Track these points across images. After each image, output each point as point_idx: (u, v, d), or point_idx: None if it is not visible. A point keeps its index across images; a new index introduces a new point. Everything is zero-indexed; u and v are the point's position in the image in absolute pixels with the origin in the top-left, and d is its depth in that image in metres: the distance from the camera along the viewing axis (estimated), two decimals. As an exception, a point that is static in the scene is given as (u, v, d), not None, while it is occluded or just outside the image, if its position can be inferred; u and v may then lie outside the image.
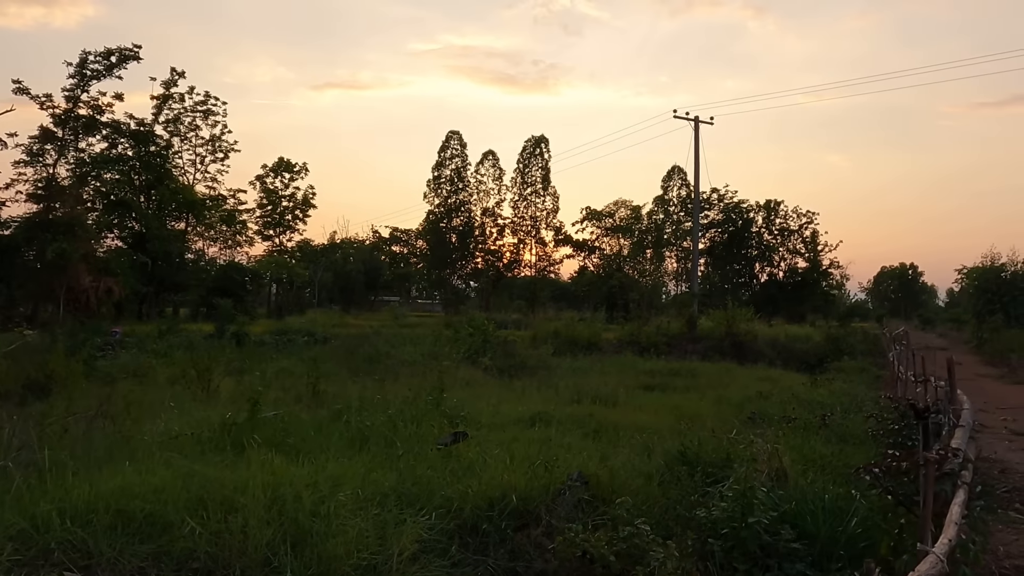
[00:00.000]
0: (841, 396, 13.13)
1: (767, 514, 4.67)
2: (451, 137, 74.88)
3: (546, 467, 6.78)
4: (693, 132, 35.18)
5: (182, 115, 43.24)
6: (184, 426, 9.03)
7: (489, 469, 6.57)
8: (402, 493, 5.84)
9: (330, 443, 8.04)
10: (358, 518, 5.07)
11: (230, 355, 21.28)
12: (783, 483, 5.97)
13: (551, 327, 32.50)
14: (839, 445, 8.15)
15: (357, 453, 7.58)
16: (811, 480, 6.06)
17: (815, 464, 7.11)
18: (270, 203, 61.01)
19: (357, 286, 79.02)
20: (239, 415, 8.73)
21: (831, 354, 27.42)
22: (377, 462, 6.87)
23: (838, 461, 7.26)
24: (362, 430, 8.72)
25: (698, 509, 5.26)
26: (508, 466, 6.53)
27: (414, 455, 7.26)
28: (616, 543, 4.77)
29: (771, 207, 61.31)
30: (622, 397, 14.60)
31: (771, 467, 6.03)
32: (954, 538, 3.52)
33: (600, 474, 6.72)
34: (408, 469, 6.59)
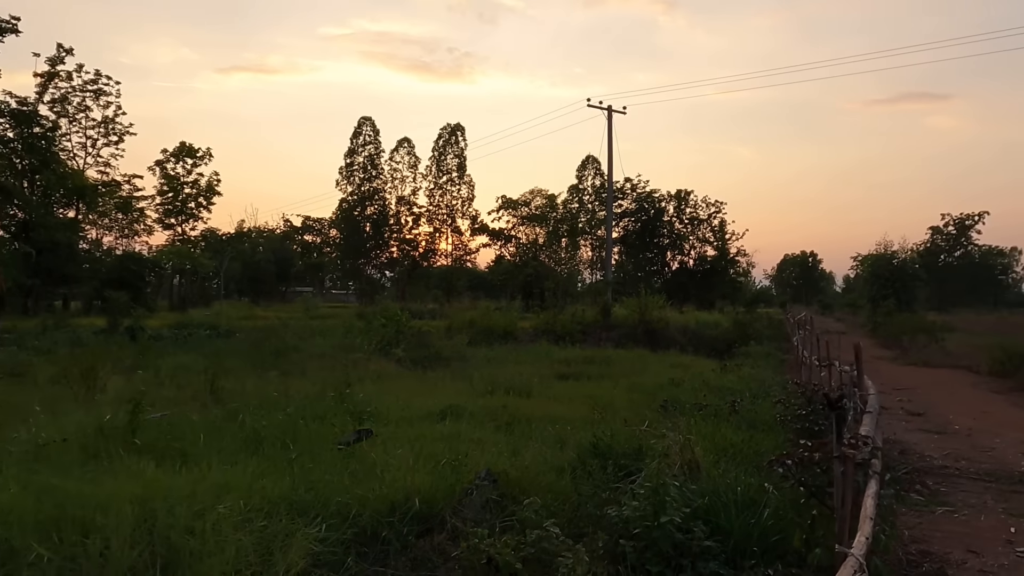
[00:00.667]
0: (749, 381, 13.33)
1: (680, 511, 4.46)
2: (363, 123, 73.31)
3: (453, 466, 6.44)
4: (606, 121, 35.42)
5: (70, 95, 40.38)
6: (56, 432, 8.20)
7: (392, 470, 6.15)
8: (294, 501, 5.34)
9: (221, 446, 7.44)
10: (241, 532, 4.58)
11: (123, 351, 19.97)
12: (696, 476, 5.82)
13: (467, 317, 32.11)
14: (749, 432, 8.13)
15: (250, 457, 7.01)
16: (723, 471, 5.94)
17: (727, 453, 7.03)
18: (171, 190, 58.01)
19: (267, 277, 76.33)
20: (119, 418, 7.96)
21: (739, 339, 28.14)
22: (269, 467, 6.34)
23: (748, 449, 7.21)
24: (258, 431, 8.13)
25: (610, 507, 5.02)
26: (412, 466, 6.11)
27: (311, 457, 6.75)
28: (524, 548, 4.46)
29: (682, 197, 62.71)
30: (536, 387, 14.37)
31: (683, 459, 5.87)
32: (870, 534, 3.38)
33: (510, 471, 6.41)
34: (303, 474, 6.10)
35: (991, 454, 9.07)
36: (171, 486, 5.19)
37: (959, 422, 11.41)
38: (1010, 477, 7.78)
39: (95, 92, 41.27)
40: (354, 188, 71.70)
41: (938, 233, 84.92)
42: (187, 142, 59.36)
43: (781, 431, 8.22)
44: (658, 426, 8.54)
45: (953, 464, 8.41)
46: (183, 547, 4.31)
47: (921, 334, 28.53)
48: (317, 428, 8.44)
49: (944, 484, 7.42)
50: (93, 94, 41.27)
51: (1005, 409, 13.08)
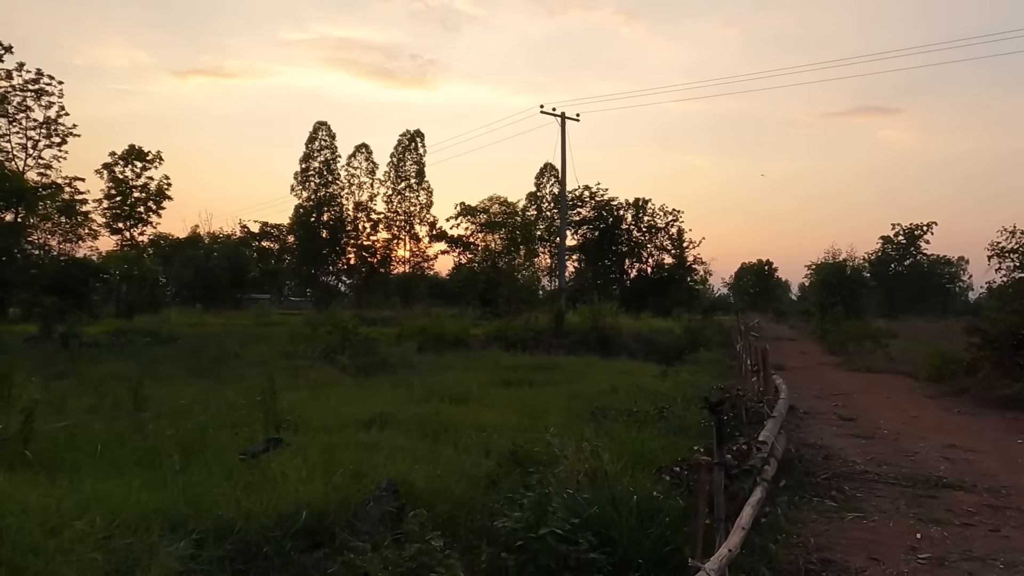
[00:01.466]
0: (685, 387, 13.29)
1: (566, 521, 4.27)
2: (319, 128, 72.44)
3: (354, 475, 6.17)
4: (560, 128, 35.42)
5: (10, 94, 39.05)
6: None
7: (288, 481, 5.86)
8: (171, 515, 5.03)
9: (117, 458, 7.07)
10: (100, 550, 4.26)
11: (53, 358, 19.24)
12: (602, 482, 5.65)
13: (418, 324, 31.73)
14: (673, 438, 8.03)
15: (145, 469, 6.66)
16: (629, 479, 5.78)
17: (643, 460, 6.88)
18: (119, 194, 56.43)
19: (221, 283, 74.66)
20: (11, 428, 7.52)
21: (689, 346, 28.30)
22: (155, 479, 6.00)
23: (666, 455, 7.07)
24: (161, 441, 7.75)
25: (500, 518, 4.81)
26: (305, 477, 5.83)
27: (206, 469, 6.42)
28: (403, 563, 4.22)
29: (640, 205, 63.21)
30: (474, 394, 14.15)
31: (590, 466, 5.69)
32: (736, 546, 3.23)
33: (415, 481, 6.17)
34: (190, 486, 5.77)
35: (913, 458, 9.10)
36: (29, 501, 4.82)
37: (888, 427, 11.48)
38: (927, 481, 7.78)
39: (36, 92, 40.00)
40: (310, 193, 70.75)
41: (888, 242, 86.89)
42: (136, 145, 57.90)
43: (705, 437, 8.11)
44: (584, 433, 8.40)
45: (874, 469, 8.40)
46: (26, 568, 3.98)
47: (867, 340, 29.02)
48: (225, 437, 8.08)
49: (861, 489, 7.38)
50: (35, 94, 39.99)
51: (935, 413, 13.24)
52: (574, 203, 60.43)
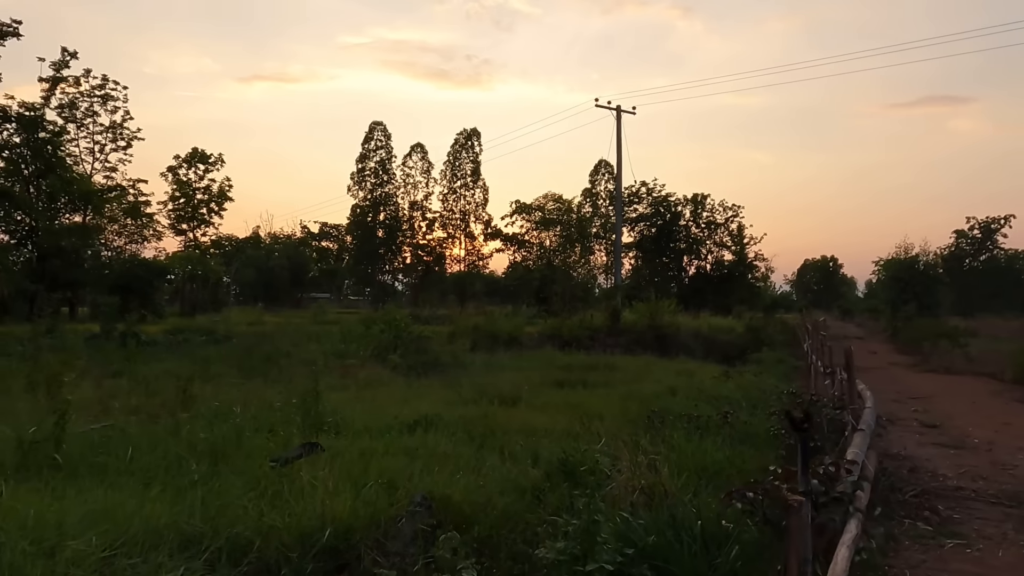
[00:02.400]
0: (750, 390, 12.43)
1: (618, 552, 3.66)
2: (375, 128, 73.00)
3: (387, 487, 5.67)
4: (615, 121, 34.58)
5: (78, 100, 40.27)
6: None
7: (314, 493, 5.39)
8: (185, 530, 4.61)
9: (147, 463, 6.75)
10: (98, 573, 3.85)
11: (110, 357, 19.46)
12: (660, 501, 5.00)
13: (471, 322, 31.37)
14: (738, 448, 7.29)
15: (173, 475, 6.30)
16: (691, 498, 5.11)
17: (705, 474, 6.20)
18: (183, 196, 57.92)
19: (281, 283, 76.11)
20: (41, 430, 7.28)
21: (751, 345, 27.17)
22: (177, 487, 5.62)
23: (732, 468, 6.38)
24: (195, 444, 7.42)
25: (544, 541, 4.22)
26: (331, 489, 5.35)
27: (234, 476, 6.02)
28: (429, 596, 3.68)
29: (698, 201, 61.64)
30: (525, 395, 13.59)
31: (647, 482, 5.05)
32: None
33: (452, 495, 5.63)
34: (212, 496, 5.35)
35: (1013, 472, 8.12)
36: (32, 515, 4.46)
37: (978, 435, 10.42)
38: (1034, 500, 6.86)
39: (103, 97, 41.14)
40: (366, 193, 71.43)
41: (963, 237, 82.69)
42: (199, 148, 59.34)
43: (773, 446, 7.37)
44: (640, 441, 7.75)
45: (969, 485, 7.48)
46: (14, 594, 3.58)
47: (942, 339, 27.30)
48: (260, 441, 7.71)
49: (957, 509, 6.51)
50: (101, 99, 41.14)
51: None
52: (630, 199, 59.27)
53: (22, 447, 6.96)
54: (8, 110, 34.02)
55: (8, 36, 30.37)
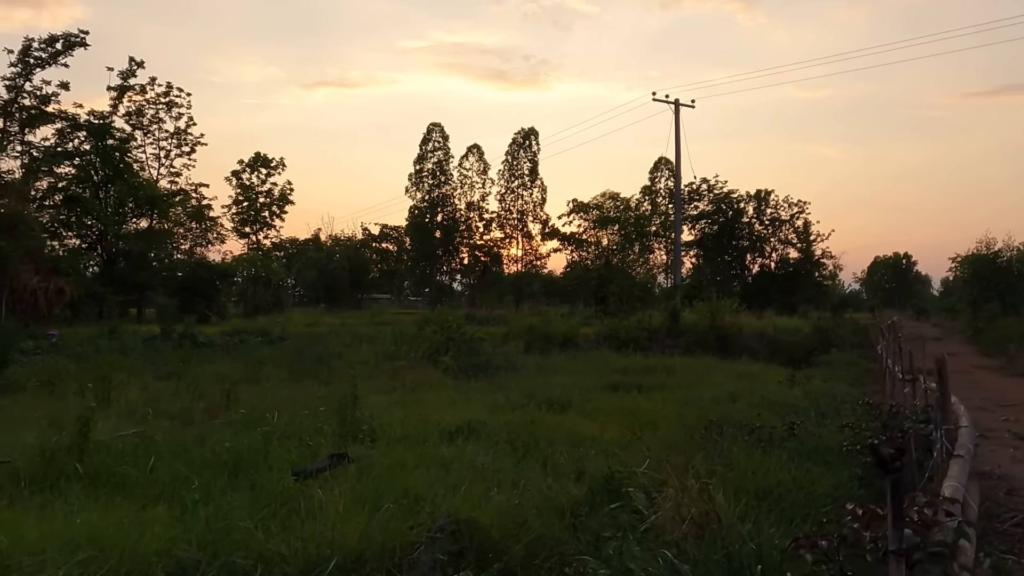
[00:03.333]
0: (819, 396, 11.49)
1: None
2: (432, 129, 73.24)
3: (409, 508, 5.15)
4: (673, 116, 33.53)
5: (144, 107, 41.46)
6: (13, 449, 7.38)
7: (326, 513, 4.91)
8: (180, 558, 4.18)
9: (166, 474, 6.42)
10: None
11: (167, 358, 19.68)
12: (714, 532, 4.34)
13: (526, 323, 30.82)
14: (805, 465, 6.51)
15: (189, 489, 5.94)
16: (751, 529, 4.42)
17: (769, 496, 5.47)
18: (246, 199, 59.22)
19: (342, 284, 77.12)
20: (65, 438, 7.05)
21: (819, 347, 25.85)
22: (184, 505, 5.22)
23: (798, 492, 5.63)
24: (219, 454, 7.07)
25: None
26: (343, 511, 4.85)
27: (251, 490, 5.60)
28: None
29: (762, 197, 59.74)
30: (577, 400, 12.96)
31: (698, 510, 4.39)
32: None
33: (479, 518, 5.07)
34: (219, 515, 4.93)
35: None
36: (16, 539, 4.09)
37: (1083, 449, 9.31)
38: None
39: (167, 104, 42.27)
40: (423, 194, 71.73)
41: (1050, 231, 78.08)
42: (261, 152, 60.58)
43: (846, 465, 6.56)
44: (693, 456, 7.05)
45: (1079, 511, 6.51)
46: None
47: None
48: (288, 450, 7.32)
49: (1068, 542, 5.61)
50: (166, 106, 42.28)
51: None
52: (691, 196, 57.80)
53: (44, 456, 6.74)
54: (78, 118, 35.14)
55: (76, 47, 31.31)
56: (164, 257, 43.66)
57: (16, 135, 31.68)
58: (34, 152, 32.84)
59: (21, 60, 30.48)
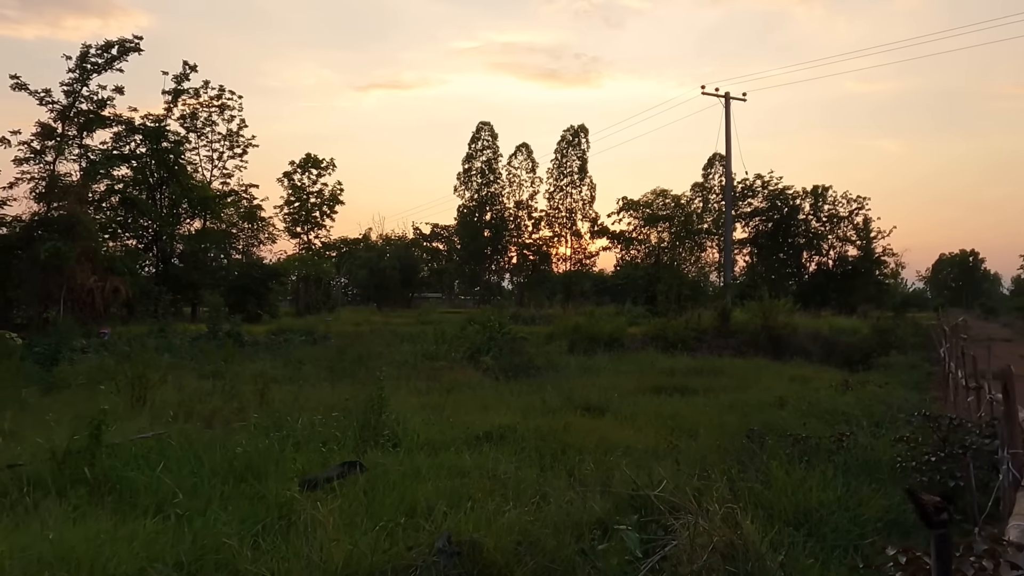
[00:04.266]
0: (873, 403, 10.72)
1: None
2: (482, 128, 73.17)
3: (408, 525, 4.78)
4: (724, 110, 32.53)
5: (198, 110, 42.32)
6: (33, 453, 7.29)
7: (321, 531, 4.58)
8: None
9: (173, 481, 6.20)
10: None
11: (211, 358, 19.83)
12: (742, 564, 3.85)
13: (572, 322, 30.29)
14: (853, 483, 5.91)
15: (191, 498, 5.70)
16: (784, 559, 3.91)
17: (809, 520, 4.92)
18: (297, 199, 60.12)
19: (392, 283, 77.76)
20: (77, 441, 6.90)
21: (878, 348, 24.64)
22: (178, 517, 4.96)
23: (843, 515, 5.05)
24: (231, 459, 6.83)
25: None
26: (330, 533, 4.50)
27: (253, 501, 5.31)
28: None
29: (818, 193, 57.82)
30: (614, 403, 12.46)
31: (721, 539, 3.90)
32: None
33: (484, 539, 4.66)
34: (208, 531, 4.64)
35: None
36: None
37: None
38: None
39: (220, 107, 43.03)
40: (472, 193, 71.74)
41: None
42: (312, 153, 61.40)
43: (899, 483, 5.93)
44: (730, 471, 6.52)
45: None
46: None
47: (1112, 343, 23.78)
48: (303, 456, 7.04)
49: None
50: (218, 109, 43.06)
51: None
52: (744, 193, 56.32)
53: (54, 460, 6.60)
54: (134, 122, 36.03)
55: (131, 52, 32.04)
56: (222, 256, 44.51)
57: (74, 139, 32.60)
58: (91, 155, 33.72)
59: (79, 66, 31.34)
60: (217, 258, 44.39)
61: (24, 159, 31.10)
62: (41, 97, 31.07)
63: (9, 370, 14.25)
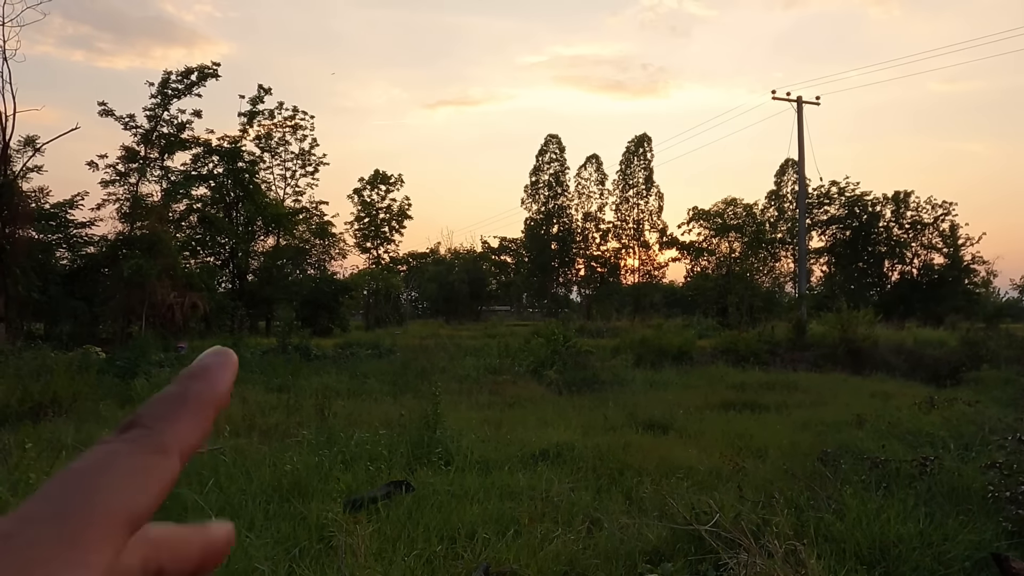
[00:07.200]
0: (963, 423, 9.91)
1: None
2: (549, 141, 73.09)
3: (447, 554, 4.56)
4: (796, 115, 31.39)
5: (272, 131, 43.68)
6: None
7: (347, 557, 4.40)
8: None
9: (218, 499, 6.17)
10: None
11: (279, 371, 20.18)
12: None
13: (638, 335, 29.67)
14: (938, 514, 5.37)
15: (233, 517, 5.63)
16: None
17: (886, 558, 4.45)
18: (367, 215, 61.32)
19: (461, 296, 78.37)
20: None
21: (968, 362, 23.13)
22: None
23: (924, 551, 4.55)
24: (280, 477, 6.77)
25: None
26: (362, 556, 4.31)
27: (293, 521, 5.19)
28: None
29: (900, 199, 55.36)
30: (680, 420, 11.98)
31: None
32: None
33: (524, 571, 4.39)
34: (238, 556, 4.53)
35: None
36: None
37: None
38: None
39: (293, 127, 44.34)
40: (539, 206, 71.68)
41: None
42: (380, 169, 62.60)
43: (990, 515, 5.35)
44: (800, 492, 6.05)
45: None
46: None
47: None
48: (347, 476, 6.91)
49: None
50: (291, 129, 44.36)
51: None
52: (820, 200, 54.43)
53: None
54: (211, 143, 37.46)
55: (209, 78, 33.35)
56: (296, 272, 45.69)
57: (156, 161, 34.11)
58: (172, 176, 35.22)
59: (160, 92, 32.84)
60: (291, 273, 45.55)
61: (110, 181, 32.75)
62: (126, 122, 32.70)
63: (89, 383, 14.74)
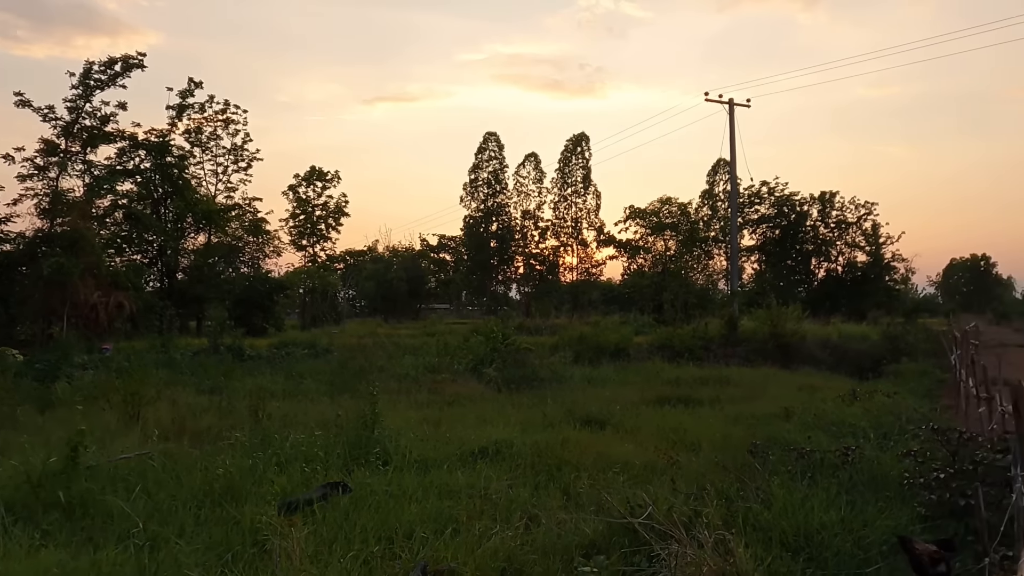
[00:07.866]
0: (882, 414, 10.39)
1: None
2: (488, 139, 73.06)
3: (384, 554, 4.53)
4: (728, 116, 32.26)
5: (203, 125, 42.30)
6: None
7: (288, 560, 4.33)
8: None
9: (146, 506, 5.98)
10: None
11: (211, 373, 19.62)
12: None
13: (576, 332, 30.00)
14: (858, 501, 5.62)
15: (162, 524, 5.46)
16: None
17: (810, 544, 4.64)
18: (302, 212, 60.14)
19: (400, 295, 77.60)
20: (54, 463, 6.68)
21: (888, 355, 24.26)
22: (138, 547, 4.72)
23: (846, 537, 4.77)
24: (212, 481, 6.60)
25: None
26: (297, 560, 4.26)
27: (226, 526, 5.07)
28: None
29: (826, 199, 57.45)
30: (617, 416, 12.18)
31: (711, 569, 3.63)
32: None
33: (463, 568, 4.41)
34: (166, 566, 4.40)
35: None
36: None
37: None
38: None
39: (225, 121, 43.00)
40: (478, 204, 71.62)
41: None
42: (316, 166, 61.44)
43: (908, 502, 5.63)
44: (730, 484, 6.25)
45: None
46: None
47: None
48: (282, 478, 6.79)
49: None
50: (223, 123, 43.03)
51: None
52: (750, 200, 56.03)
53: (29, 483, 6.38)
54: (137, 137, 36.10)
55: (134, 68, 32.10)
56: (229, 270, 44.36)
57: (77, 155, 32.62)
58: (95, 171, 33.72)
59: (82, 82, 31.39)
60: (223, 272, 44.26)
61: (28, 175, 31.09)
62: (44, 114, 31.11)
63: (4, 387, 14.05)
